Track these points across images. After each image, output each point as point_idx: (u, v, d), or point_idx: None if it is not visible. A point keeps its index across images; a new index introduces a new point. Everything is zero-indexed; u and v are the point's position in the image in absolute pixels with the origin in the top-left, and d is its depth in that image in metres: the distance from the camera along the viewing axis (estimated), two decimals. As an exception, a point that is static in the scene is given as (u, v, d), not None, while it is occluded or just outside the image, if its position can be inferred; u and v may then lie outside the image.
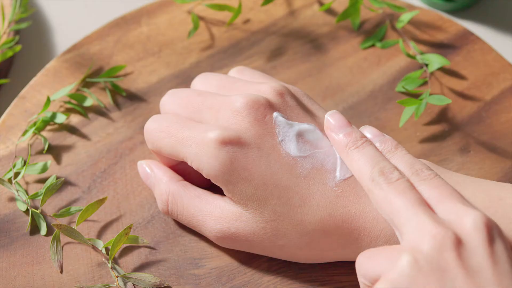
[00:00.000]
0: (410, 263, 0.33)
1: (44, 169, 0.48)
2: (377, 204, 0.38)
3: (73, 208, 0.46)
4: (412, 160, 0.40)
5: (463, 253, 0.34)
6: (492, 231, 0.35)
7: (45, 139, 0.50)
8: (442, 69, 0.54)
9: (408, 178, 0.38)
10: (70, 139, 0.51)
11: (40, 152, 0.50)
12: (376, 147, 0.41)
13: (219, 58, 0.55)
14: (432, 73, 0.54)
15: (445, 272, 0.33)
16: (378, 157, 0.40)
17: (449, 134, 0.51)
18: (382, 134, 0.42)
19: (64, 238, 0.46)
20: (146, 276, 0.43)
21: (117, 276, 0.44)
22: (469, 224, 0.35)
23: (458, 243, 0.34)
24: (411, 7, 0.58)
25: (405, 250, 0.34)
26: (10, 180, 0.48)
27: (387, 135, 0.43)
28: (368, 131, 0.42)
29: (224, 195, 0.43)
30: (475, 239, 0.34)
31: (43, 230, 0.46)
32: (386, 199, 0.37)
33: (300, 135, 0.43)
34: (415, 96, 0.52)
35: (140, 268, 0.45)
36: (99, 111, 0.52)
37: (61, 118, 0.51)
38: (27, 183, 0.49)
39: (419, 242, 0.34)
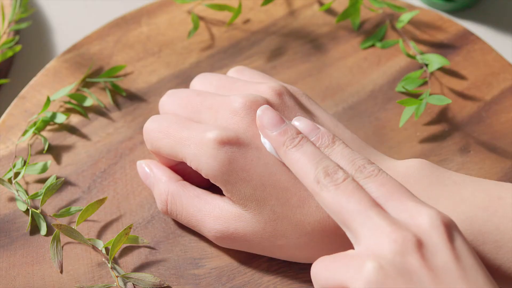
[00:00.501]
0: (376, 270, 0.33)
1: (44, 169, 0.48)
2: (325, 207, 0.37)
3: (73, 208, 0.46)
4: (353, 155, 0.39)
5: (426, 253, 0.33)
6: (450, 226, 0.34)
7: (45, 139, 0.50)
8: (442, 69, 0.54)
9: (352, 175, 0.37)
10: (70, 139, 0.51)
11: (40, 152, 0.50)
12: (313, 144, 0.40)
13: (219, 58, 0.55)
14: (432, 73, 0.54)
15: (412, 275, 0.33)
16: (318, 155, 0.39)
17: (449, 134, 0.51)
18: (316, 126, 0.41)
19: (64, 238, 0.46)
20: (146, 276, 0.43)
21: (117, 276, 0.44)
22: (426, 223, 0.34)
23: (419, 244, 0.33)
24: (411, 7, 0.58)
25: (367, 257, 0.34)
26: (10, 180, 0.48)
27: (388, 134, 0.43)
28: (302, 125, 0.41)
29: (224, 195, 0.43)
30: (435, 238, 0.34)
31: (43, 230, 0.46)
32: (336, 203, 0.36)
33: None
34: (415, 96, 0.52)
35: (140, 268, 0.45)
36: (99, 111, 0.52)
37: (61, 118, 0.51)
38: (27, 183, 0.49)
39: (380, 247, 0.34)
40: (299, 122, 0.41)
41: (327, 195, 0.37)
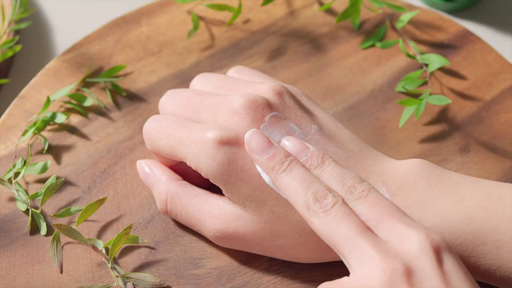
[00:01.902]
0: None
1: (44, 169, 0.48)
2: (317, 233, 0.37)
3: (73, 208, 0.46)
4: (343, 175, 0.38)
5: (415, 281, 0.33)
6: (439, 250, 0.34)
7: (45, 139, 0.50)
8: (442, 69, 0.54)
9: (343, 197, 0.37)
10: (70, 139, 0.51)
11: (40, 152, 0.50)
12: (303, 166, 0.39)
13: (219, 58, 0.55)
14: (432, 73, 0.54)
15: None
16: (308, 179, 0.38)
17: (449, 134, 0.51)
18: (305, 146, 0.40)
19: (64, 238, 0.46)
20: (146, 276, 0.43)
21: (117, 276, 0.44)
22: (415, 248, 0.34)
23: (408, 273, 0.33)
24: (411, 7, 0.58)
25: (357, 286, 0.34)
26: (10, 180, 0.48)
27: (388, 134, 0.43)
28: (291, 145, 0.40)
29: (223, 195, 0.43)
30: (424, 264, 0.33)
31: (43, 230, 0.46)
32: (326, 229, 0.36)
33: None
34: (415, 96, 0.52)
35: (140, 268, 0.45)
36: (99, 111, 0.52)
37: (61, 118, 0.51)
38: (27, 183, 0.49)
39: (369, 277, 0.33)
40: (289, 142, 0.41)
41: (317, 222, 0.37)
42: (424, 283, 0.33)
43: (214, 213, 0.43)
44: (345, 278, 0.35)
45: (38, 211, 0.46)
